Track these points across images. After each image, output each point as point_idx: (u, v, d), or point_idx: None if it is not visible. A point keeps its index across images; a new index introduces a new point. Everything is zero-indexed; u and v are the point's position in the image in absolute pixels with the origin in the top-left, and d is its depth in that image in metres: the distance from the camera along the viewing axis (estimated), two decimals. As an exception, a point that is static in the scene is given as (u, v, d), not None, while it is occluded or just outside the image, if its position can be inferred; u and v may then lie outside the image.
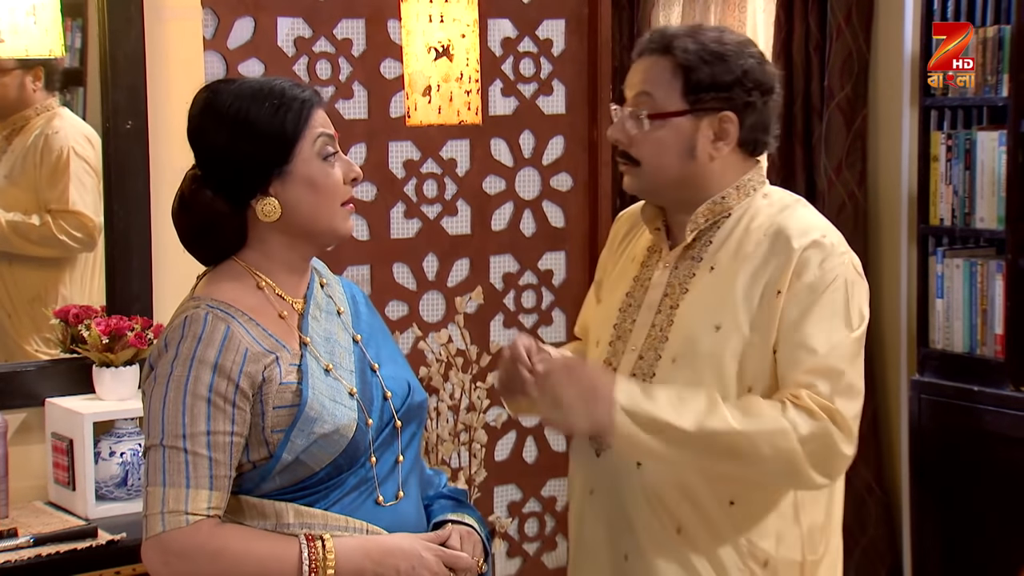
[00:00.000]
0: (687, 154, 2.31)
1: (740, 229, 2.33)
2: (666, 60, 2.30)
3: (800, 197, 2.43)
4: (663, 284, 2.37)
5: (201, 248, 2.13)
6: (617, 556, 2.34)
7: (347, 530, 2.06)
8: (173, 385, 2.00)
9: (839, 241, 2.32)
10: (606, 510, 2.36)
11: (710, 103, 2.29)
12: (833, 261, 2.27)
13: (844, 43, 4.31)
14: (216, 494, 2.00)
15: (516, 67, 4.07)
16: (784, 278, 2.26)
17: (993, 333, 3.95)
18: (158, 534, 1.98)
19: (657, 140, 2.31)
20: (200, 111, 2.10)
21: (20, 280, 3.42)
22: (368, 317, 2.27)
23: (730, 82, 2.29)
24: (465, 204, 4.04)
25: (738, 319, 2.26)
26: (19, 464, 3.13)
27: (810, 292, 2.24)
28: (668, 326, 2.33)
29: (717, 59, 2.28)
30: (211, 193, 2.08)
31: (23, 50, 3.06)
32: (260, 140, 2.06)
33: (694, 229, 2.34)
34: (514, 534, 4.18)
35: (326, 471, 2.06)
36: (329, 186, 2.10)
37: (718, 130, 2.30)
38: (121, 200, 3.30)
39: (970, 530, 4.01)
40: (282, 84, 2.10)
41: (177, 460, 1.98)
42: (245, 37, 3.71)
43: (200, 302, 2.07)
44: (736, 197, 2.35)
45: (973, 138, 3.99)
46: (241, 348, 2.02)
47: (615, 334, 2.41)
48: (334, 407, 2.07)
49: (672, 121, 2.30)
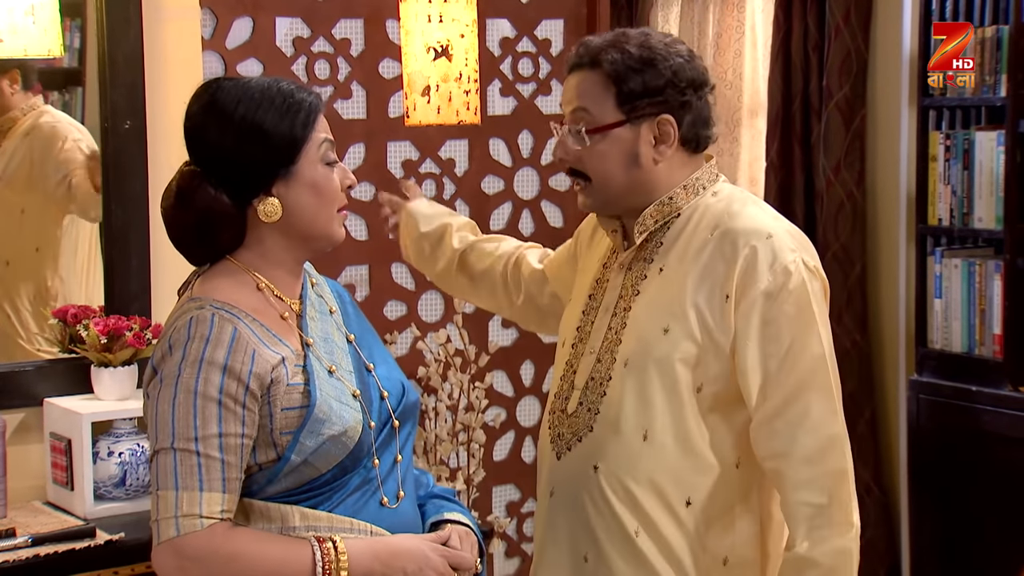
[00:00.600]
0: (631, 162, 2.32)
1: (689, 229, 2.33)
2: (596, 74, 2.32)
3: (751, 194, 2.42)
4: (619, 286, 2.38)
5: (197, 246, 2.10)
6: (577, 557, 2.35)
7: (352, 532, 2.06)
8: (182, 387, 1.98)
9: (789, 238, 2.29)
10: (566, 512, 2.36)
11: (645, 109, 2.30)
12: (783, 260, 2.24)
13: (843, 43, 4.31)
14: (229, 497, 1.98)
15: (515, 67, 4.08)
16: (731, 282, 2.25)
17: (991, 333, 3.95)
18: (171, 538, 1.95)
19: (600, 153, 2.32)
20: (203, 109, 2.07)
21: (20, 281, 3.42)
22: (356, 317, 2.27)
23: (661, 85, 2.29)
24: (464, 204, 4.04)
25: (688, 323, 2.26)
26: (17, 464, 3.13)
27: (767, 298, 2.24)
28: (622, 329, 2.34)
29: (646, 64, 2.29)
30: (213, 190, 2.05)
31: (22, 50, 3.07)
32: (268, 142, 2.05)
33: (643, 231, 2.35)
34: (512, 534, 4.18)
35: (332, 472, 2.06)
36: (330, 190, 2.10)
37: (658, 134, 2.31)
38: (119, 200, 3.30)
39: (968, 530, 4.01)
40: (288, 86, 2.09)
41: (189, 463, 1.96)
42: (243, 37, 3.70)
43: (203, 302, 2.04)
44: (684, 197, 2.35)
45: (971, 138, 3.99)
46: (249, 349, 2.01)
47: (578, 336, 2.43)
48: (340, 408, 2.06)
49: (611, 133, 2.31)
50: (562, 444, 2.37)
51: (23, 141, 3.41)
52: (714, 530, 2.29)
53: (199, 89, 2.11)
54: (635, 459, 2.28)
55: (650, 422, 2.27)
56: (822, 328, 2.27)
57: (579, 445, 2.34)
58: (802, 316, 2.24)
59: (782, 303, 2.23)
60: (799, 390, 2.23)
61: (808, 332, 2.25)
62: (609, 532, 2.30)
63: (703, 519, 2.28)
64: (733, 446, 2.29)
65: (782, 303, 2.23)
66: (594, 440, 2.32)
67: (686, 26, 5.34)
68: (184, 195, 2.07)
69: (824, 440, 2.24)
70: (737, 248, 2.26)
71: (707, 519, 2.29)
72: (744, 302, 2.24)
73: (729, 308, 2.25)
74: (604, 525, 2.30)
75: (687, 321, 2.26)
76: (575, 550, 2.35)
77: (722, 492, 2.29)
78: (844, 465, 2.25)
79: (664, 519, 2.28)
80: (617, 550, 2.29)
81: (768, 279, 2.23)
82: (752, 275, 2.24)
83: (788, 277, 2.24)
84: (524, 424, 4.18)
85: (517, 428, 4.17)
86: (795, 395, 2.23)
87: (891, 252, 4.35)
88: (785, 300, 2.24)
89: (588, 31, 4.13)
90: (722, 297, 2.25)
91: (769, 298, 2.23)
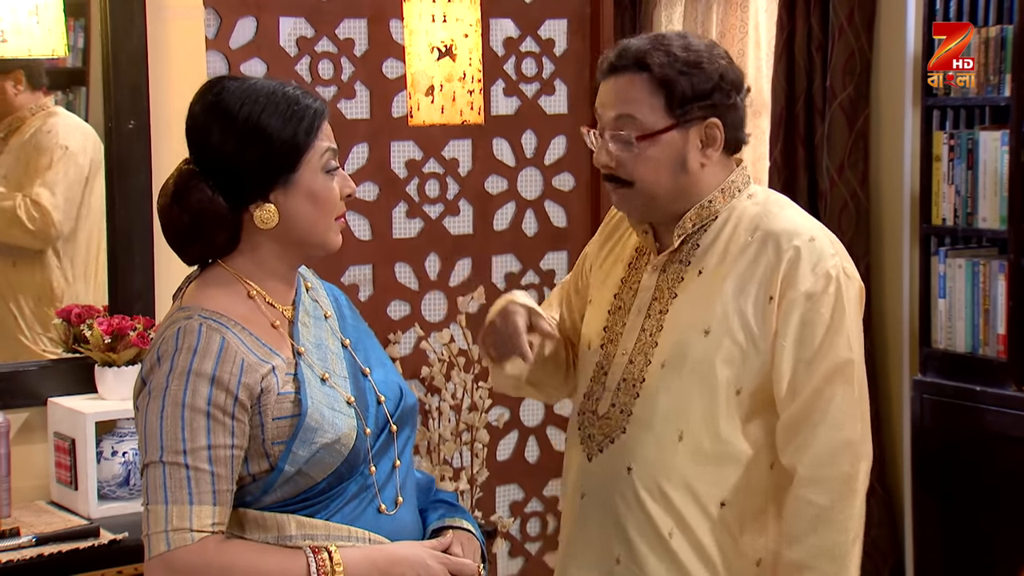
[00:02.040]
0: (679, 167, 2.29)
1: (727, 232, 2.32)
2: (642, 77, 2.27)
3: (785, 197, 2.42)
4: (652, 288, 2.36)
5: (189, 246, 2.07)
6: (608, 559, 2.34)
7: (349, 540, 2.04)
8: (170, 399, 1.95)
9: (829, 242, 2.30)
10: (597, 513, 2.36)
11: (695, 113, 2.27)
12: (825, 264, 2.26)
13: (846, 43, 4.31)
14: (220, 509, 1.96)
15: (518, 67, 4.07)
16: (774, 283, 2.25)
17: (995, 333, 3.95)
18: (162, 553, 1.93)
19: (648, 159, 2.29)
20: (207, 109, 2.04)
21: (24, 281, 3.42)
22: (353, 320, 2.23)
23: (710, 89, 2.27)
24: (467, 204, 4.04)
25: (728, 323, 2.26)
26: (21, 463, 3.13)
27: (807, 300, 2.24)
28: (658, 331, 2.32)
29: (694, 67, 2.27)
30: (210, 192, 2.02)
31: (26, 50, 3.07)
32: (270, 147, 2.01)
33: (681, 234, 2.34)
34: (516, 534, 4.18)
35: (327, 481, 2.03)
36: (329, 200, 2.07)
37: (705, 138, 2.29)
38: (123, 199, 3.30)
39: (972, 530, 4.01)
40: (294, 91, 2.06)
41: (178, 476, 1.93)
42: (247, 37, 3.70)
43: (191, 312, 2.01)
44: (722, 200, 2.34)
45: (975, 138, 3.99)
46: (238, 359, 1.98)
47: (606, 337, 2.41)
48: (333, 416, 2.03)
49: (661, 138, 2.28)
50: (593, 445, 2.37)
51: (28, 141, 3.42)
52: (748, 531, 2.29)
53: (203, 88, 2.08)
54: (669, 460, 2.27)
55: (686, 423, 2.27)
56: (853, 334, 2.27)
57: (611, 447, 2.33)
58: (835, 320, 2.25)
59: (820, 306, 2.24)
60: (822, 390, 2.24)
61: (838, 336, 2.25)
62: (643, 533, 2.29)
63: (737, 520, 2.28)
64: (767, 448, 2.29)
65: (820, 306, 2.24)
66: (627, 441, 2.31)
67: (689, 26, 5.34)
68: (180, 194, 2.04)
69: (839, 443, 2.23)
70: (781, 249, 2.26)
71: (741, 520, 2.28)
72: (785, 302, 2.24)
73: (772, 308, 2.25)
74: (637, 526, 2.30)
75: (728, 322, 2.26)
76: (606, 552, 2.34)
77: (756, 493, 2.28)
78: (853, 471, 2.24)
79: (698, 520, 2.27)
80: (651, 551, 2.29)
81: (810, 281, 2.24)
82: (795, 276, 2.24)
83: (829, 281, 2.25)
84: (527, 424, 4.18)
85: (520, 428, 4.17)
86: (817, 395, 2.24)
87: (895, 252, 4.35)
88: (824, 304, 2.24)
89: (592, 31, 4.13)
90: (765, 298, 2.25)
91: (809, 299, 2.24)
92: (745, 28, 5.14)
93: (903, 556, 4.33)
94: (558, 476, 4.22)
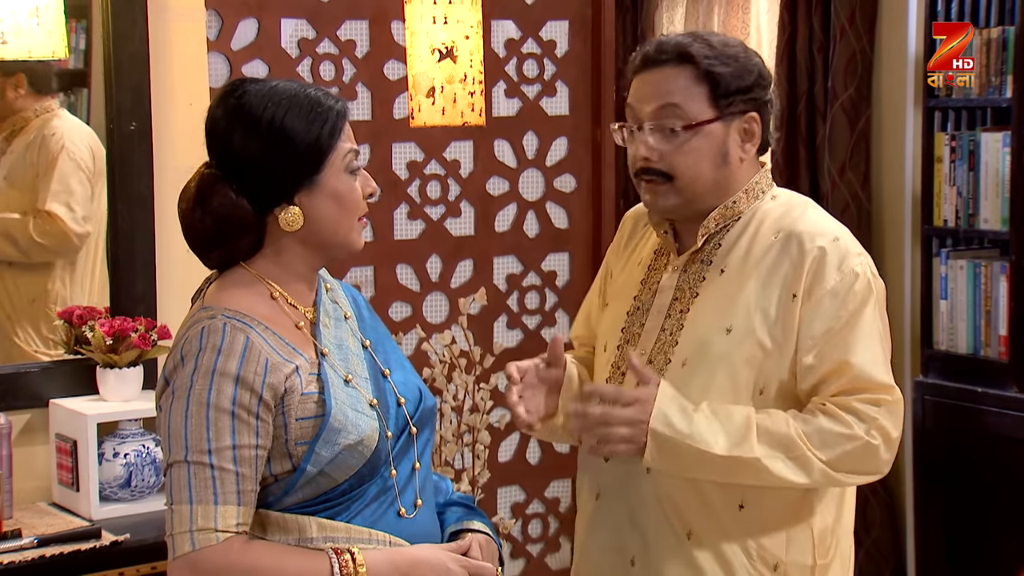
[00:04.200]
0: (721, 160, 2.30)
1: (750, 232, 2.32)
2: (687, 69, 2.28)
3: (808, 198, 2.42)
4: (672, 288, 2.36)
5: (212, 250, 2.06)
6: (623, 561, 2.33)
7: (370, 542, 2.03)
8: (194, 399, 1.95)
9: (852, 242, 2.31)
10: (613, 515, 2.35)
11: (738, 106, 2.29)
12: (851, 263, 2.26)
13: (848, 44, 4.31)
14: (244, 509, 1.96)
15: (520, 68, 4.08)
16: (799, 282, 2.25)
17: (997, 334, 3.95)
18: (187, 553, 1.92)
19: (692, 150, 2.28)
20: (229, 112, 2.03)
21: (20, 282, 3.42)
22: (371, 321, 2.24)
23: (751, 83, 2.29)
24: (468, 205, 4.04)
25: (751, 323, 2.25)
26: (23, 465, 3.13)
27: (833, 298, 2.24)
28: (678, 330, 2.32)
29: (735, 61, 2.29)
30: (234, 195, 2.01)
31: (26, 51, 3.07)
32: (294, 149, 2.01)
33: (704, 234, 2.33)
34: (518, 535, 4.18)
35: (349, 483, 2.03)
36: (352, 200, 2.07)
37: (744, 132, 2.31)
38: (125, 201, 3.30)
39: (974, 531, 4.01)
40: (316, 92, 2.05)
41: (203, 476, 1.93)
42: (249, 38, 3.71)
43: (215, 312, 2.01)
44: (746, 200, 2.34)
45: (977, 139, 3.99)
46: (262, 359, 1.98)
47: (623, 338, 2.40)
48: (356, 417, 2.03)
49: (705, 129, 2.28)
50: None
51: (32, 144, 3.42)
52: (766, 535, 2.27)
53: (224, 90, 2.07)
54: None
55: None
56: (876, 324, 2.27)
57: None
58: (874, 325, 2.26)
59: (847, 304, 2.24)
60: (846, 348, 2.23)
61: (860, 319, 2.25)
62: (660, 535, 2.28)
63: (755, 523, 2.27)
64: None
65: (847, 304, 2.24)
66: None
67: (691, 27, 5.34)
68: (203, 198, 2.03)
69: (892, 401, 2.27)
70: (804, 249, 2.26)
71: (759, 523, 2.27)
72: (810, 301, 2.24)
73: (795, 307, 2.24)
74: (655, 528, 2.29)
75: (751, 321, 2.25)
76: (622, 553, 2.33)
77: (774, 496, 2.27)
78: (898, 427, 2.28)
79: (716, 522, 2.26)
80: (668, 553, 2.28)
81: (836, 279, 2.24)
82: (821, 275, 2.24)
83: (855, 279, 2.25)
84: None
85: (522, 429, 4.16)
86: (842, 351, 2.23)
87: (896, 253, 4.35)
88: (850, 301, 2.24)
89: (593, 32, 4.13)
90: (789, 296, 2.25)
91: (835, 298, 2.24)
92: (747, 29, 5.13)
93: (904, 557, 4.33)
94: (560, 477, 4.23)
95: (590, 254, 4.18)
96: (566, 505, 4.23)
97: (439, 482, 2.28)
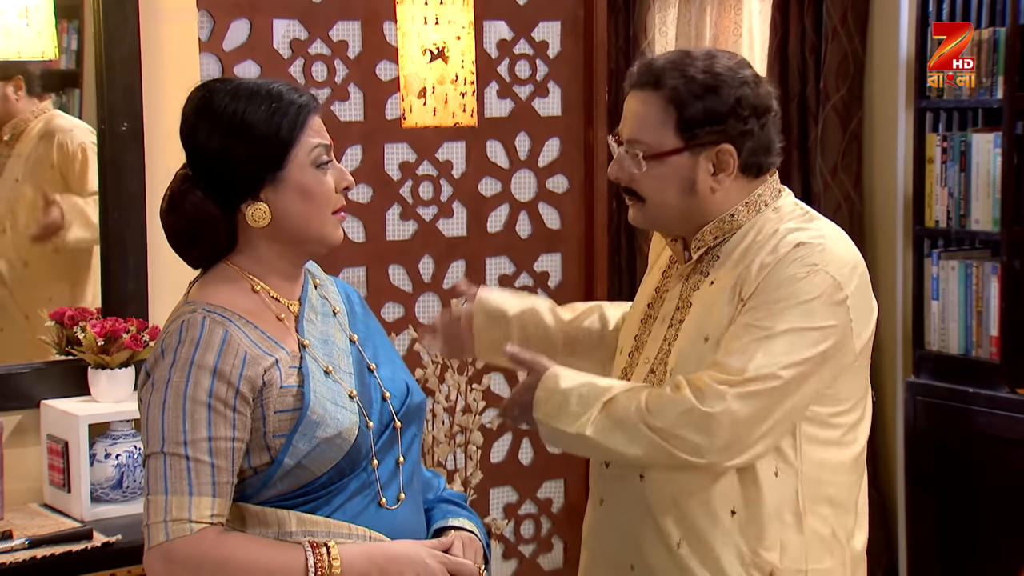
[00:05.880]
0: (688, 190, 2.28)
1: (745, 243, 2.29)
2: (656, 96, 2.26)
3: (812, 210, 2.36)
4: (676, 297, 2.36)
5: (190, 249, 2.09)
6: (623, 566, 2.34)
7: (350, 537, 2.04)
8: (172, 391, 1.97)
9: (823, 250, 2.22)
10: (613, 520, 2.36)
11: (705, 137, 2.25)
12: (812, 258, 2.19)
13: (839, 45, 4.32)
14: (219, 501, 1.97)
15: (512, 69, 4.07)
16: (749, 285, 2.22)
17: (988, 335, 3.96)
18: (161, 543, 1.94)
19: (657, 178, 2.28)
20: (194, 110, 2.06)
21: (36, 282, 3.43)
22: (364, 317, 2.24)
23: (724, 113, 2.24)
24: (461, 206, 4.04)
25: (722, 330, 2.24)
26: (14, 466, 3.13)
27: (760, 270, 2.20)
28: (674, 340, 2.32)
29: (709, 91, 2.23)
30: (201, 194, 2.04)
31: (15, 52, 3.06)
32: (254, 143, 2.02)
33: (700, 247, 2.33)
34: (510, 536, 4.18)
35: (328, 475, 2.04)
36: (321, 195, 2.07)
37: (717, 163, 2.26)
38: (116, 202, 3.30)
39: (965, 532, 4.02)
40: (280, 87, 2.06)
41: (179, 467, 1.95)
42: (241, 39, 3.70)
43: (196, 306, 2.04)
44: (746, 214, 2.31)
45: (968, 140, 4.00)
46: (240, 352, 2.00)
47: (634, 344, 2.41)
48: (336, 410, 2.04)
49: (669, 159, 2.26)
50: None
51: (39, 143, 3.42)
52: (759, 541, 2.26)
53: (194, 91, 2.09)
54: (680, 468, 2.25)
55: None
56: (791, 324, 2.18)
57: None
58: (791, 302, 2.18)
59: (773, 305, 2.18)
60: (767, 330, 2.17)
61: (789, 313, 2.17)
62: (653, 541, 2.29)
63: (748, 529, 2.25)
64: (773, 454, 2.25)
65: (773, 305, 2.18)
66: None
67: (683, 28, 5.34)
68: (175, 199, 2.07)
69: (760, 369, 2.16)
70: (777, 250, 2.22)
71: (752, 529, 2.25)
72: (746, 286, 2.21)
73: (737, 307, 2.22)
74: (649, 534, 2.29)
75: (722, 328, 2.23)
76: (621, 559, 2.34)
77: (766, 502, 2.25)
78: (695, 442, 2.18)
79: (709, 528, 2.25)
80: (660, 561, 2.28)
81: (769, 257, 2.21)
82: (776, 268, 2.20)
83: (788, 252, 2.19)
84: (521, 426, 4.17)
85: (514, 430, 4.16)
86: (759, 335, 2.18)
87: (888, 254, 4.36)
88: (779, 271, 2.19)
89: (585, 33, 4.13)
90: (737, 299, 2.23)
91: (763, 269, 2.20)
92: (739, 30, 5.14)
93: (896, 557, 4.34)
94: (552, 478, 4.23)
95: (582, 255, 4.18)
96: (558, 506, 4.23)
97: (431, 479, 2.29)
